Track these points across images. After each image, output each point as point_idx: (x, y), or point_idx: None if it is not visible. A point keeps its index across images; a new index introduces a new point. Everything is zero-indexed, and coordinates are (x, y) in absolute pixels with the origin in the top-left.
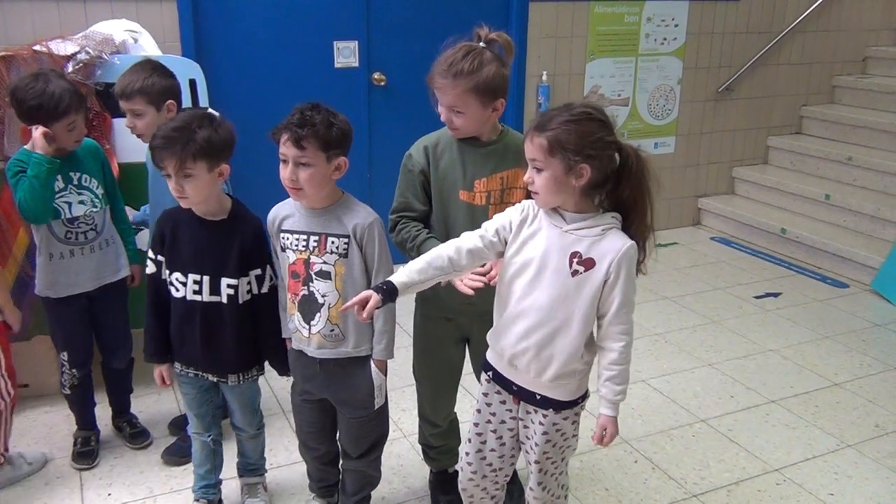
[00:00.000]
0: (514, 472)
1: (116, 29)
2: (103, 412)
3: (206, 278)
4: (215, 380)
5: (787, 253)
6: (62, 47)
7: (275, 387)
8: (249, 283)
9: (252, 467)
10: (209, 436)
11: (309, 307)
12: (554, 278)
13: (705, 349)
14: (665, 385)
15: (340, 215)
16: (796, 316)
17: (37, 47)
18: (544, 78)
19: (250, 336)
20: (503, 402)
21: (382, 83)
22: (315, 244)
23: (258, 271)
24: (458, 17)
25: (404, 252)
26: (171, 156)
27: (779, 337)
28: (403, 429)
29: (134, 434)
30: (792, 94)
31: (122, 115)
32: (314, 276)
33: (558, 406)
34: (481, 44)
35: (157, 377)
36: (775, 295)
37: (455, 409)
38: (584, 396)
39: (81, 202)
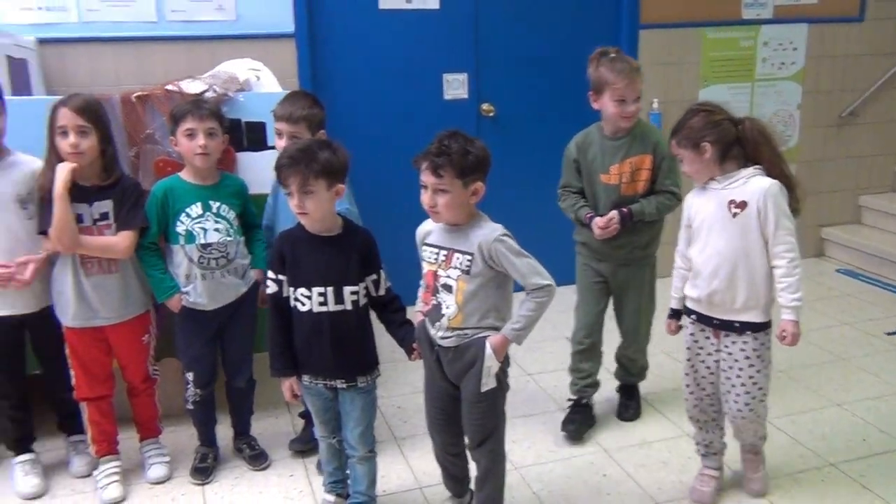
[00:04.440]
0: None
1: (241, 68)
2: (226, 432)
3: (329, 289)
4: (344, 385)
5: None
6: (192, 86)
7: (387, 413)
8: (367, 287)
9: (361, 496)
10: (335, 438)
11: (434, 315)
12: (722, 226)
13: (833, 388)
14: (790, 425)
15: (469, 232)
16: None
17: (169, 87)
18: (655, 105)
19: (371, 337)
20: (707, 338)
21: (491, 114)
22: (443, 258)
23: (374, 276)
24: (568, 46)
25: (566, 214)
26: (295, 174)
27: None
28: (514, 460)
29: (254, 456)
30: None
31: (246, 149)
32: (440, 289)
33: (754, 328)
34: None
35: (287, 390)
36: None
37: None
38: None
39: (217, 230)
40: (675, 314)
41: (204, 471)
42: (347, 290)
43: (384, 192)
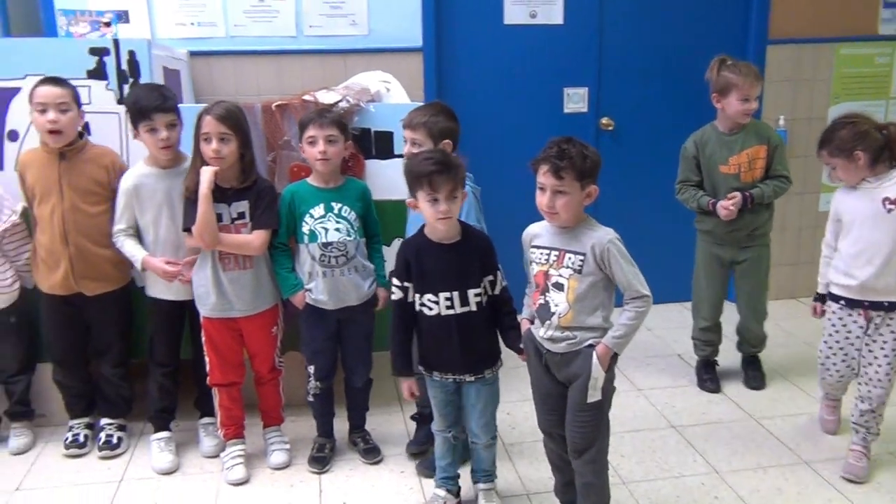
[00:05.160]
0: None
1: (372, 80)
2: (343, 425)
3: (455, 294)
4: (472, 379)
5: None
6: (327, 97)
7: None
8: (485, 287)
9: (487, 473)
10: (450, 433)
11: (544, 315)
12: (875, 220)
13: None
14: None
15: (580, 235)
16: None
17: (306, 97)
18: (781, 122)
19: (494, 331)
20: (855, 321)
21: (610, 128)
22: (555, 258)
23: (491, 277)
24: (692, 61)
25: (686, 205)
26: (447, 181)
27: None
28: (622, 475)
29: (367, 450)
30: None
31: (374, 157)
32: (550, 287)
33: None
34: None
35: (407, 390)
36: None
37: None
38: None
39: (337, 230)
40: (821, 298)
41: (321, 460)
42: (471, 292)
43: (503, 201)
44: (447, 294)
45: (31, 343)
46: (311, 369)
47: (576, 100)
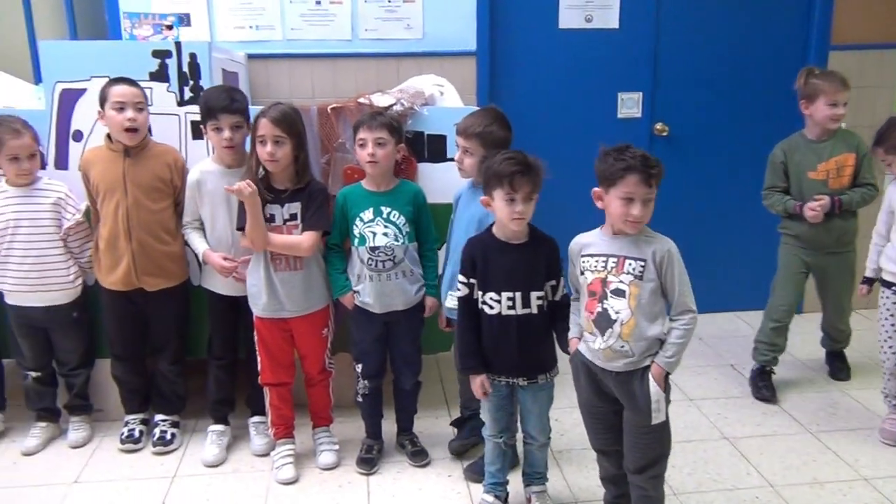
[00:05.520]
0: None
1: (426, 83)
2: (391, 427)
3: (518, 294)
4: (525, 383)
5: None
6: (381, 100)
7: None
8: (546, 292)
9: (538, 476)
10: (501, 438)
11: (603, 323)
12: None
13: None
14: None
15: (639, 242)
16: None
17: (361, 100)
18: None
19: (552, 337)
20: None
21: (664, 133)
22: (613, 265)
23: (553, 282)
24: (751, 67)
25: (772, 209)
26: (528, 182)
27: None
28: (674, 486)
29: (415, 452)
30: None
31: (426, 160)
32: (609, 294)
33: None
34: None
35: (478, 387)
36: None
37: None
38: None
39: (385, 234)
40: (869, 281)
41: (369, 461)
42: (534, 294)
43: (554, 206)
44: (510, 294)
45: (91, 338)
46: (359, 368)
47: (630, 105)
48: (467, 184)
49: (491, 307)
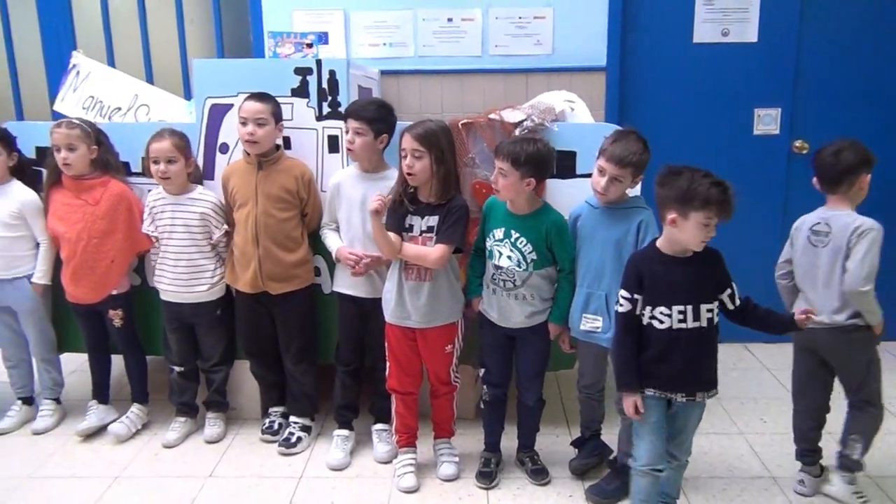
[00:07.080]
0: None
1: (557, 99)
2: (510, 443)
3: (689, 308)
4: (683, 400)
5: None
6: (512, 115)
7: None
8: (722, 301)
9: (670, 499)
10: (660, 467)
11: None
12: None
13: None
14: None
15: None
16: None
17: (492, 115)
18: None
19: (716, 356)
20: None
21: (804, 151)
22: None
23: (728, 290)
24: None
25: None
26: (729, 211)
27: None
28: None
29: (535, 470)
30: None
31: (555, 177)
32: None
33: None
34: None
35: (631, 405)
36: None
37: None
38: None
39: (509, 257)
40: None
41: (488, 475)
42: (704, 307)
43: None
44: (680, 307)
45: (231, 337)
46: (481, 373)
47: (767, 121)
48: (585, 203)
49: (661, 322)
